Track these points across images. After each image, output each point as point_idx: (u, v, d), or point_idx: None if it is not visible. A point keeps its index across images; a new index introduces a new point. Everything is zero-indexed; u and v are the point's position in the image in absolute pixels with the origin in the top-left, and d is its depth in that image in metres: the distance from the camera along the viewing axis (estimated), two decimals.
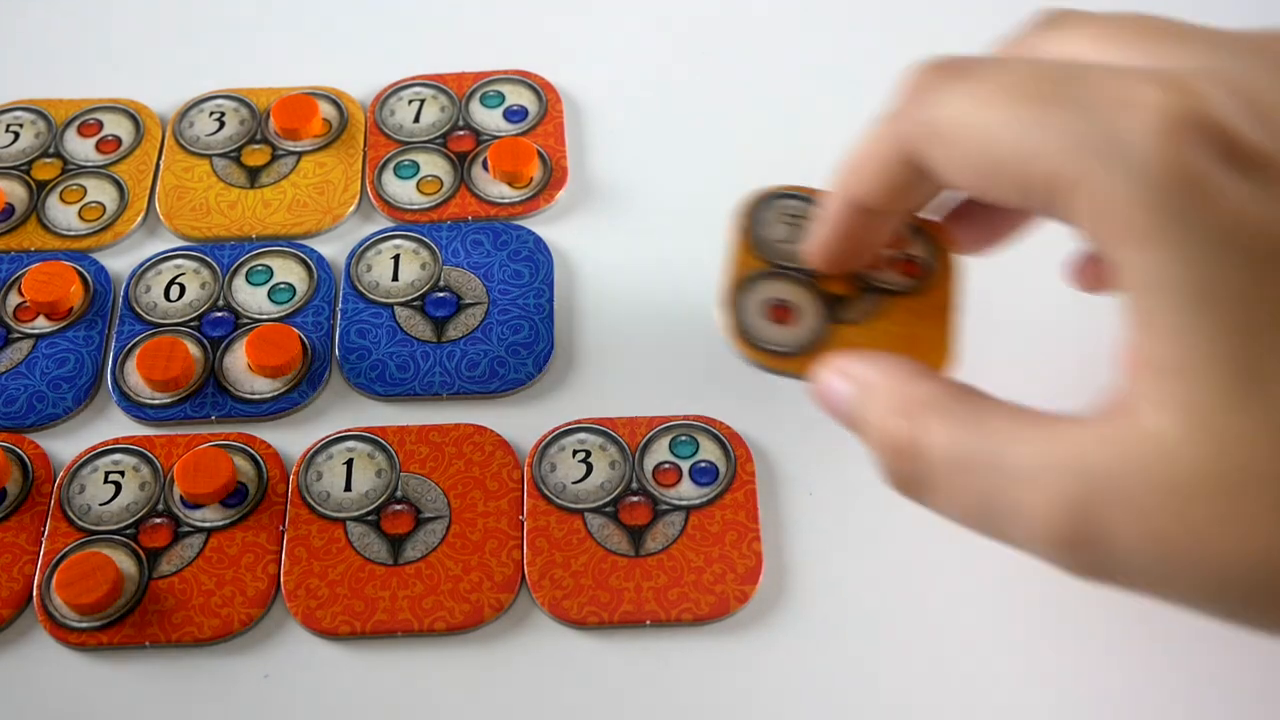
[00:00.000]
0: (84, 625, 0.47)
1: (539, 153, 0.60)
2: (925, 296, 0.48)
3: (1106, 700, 0.46)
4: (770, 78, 0.64)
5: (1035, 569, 0.49)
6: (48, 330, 0.55)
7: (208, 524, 0.50)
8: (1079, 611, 0.48)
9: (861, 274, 0.47)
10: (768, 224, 0.49)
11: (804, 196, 0.50)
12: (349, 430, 0.52)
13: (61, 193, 0.59)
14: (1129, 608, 0.48)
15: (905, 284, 0.48)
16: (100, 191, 0.59)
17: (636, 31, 0.66)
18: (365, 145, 0.61)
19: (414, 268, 0.57)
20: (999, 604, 0.48)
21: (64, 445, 0.52)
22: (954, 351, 0.47)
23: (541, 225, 0.58)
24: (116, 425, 0.53)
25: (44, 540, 0.50)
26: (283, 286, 0.56)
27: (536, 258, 0.57)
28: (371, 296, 0.56)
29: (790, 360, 0.47)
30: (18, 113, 0.62)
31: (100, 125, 0.61)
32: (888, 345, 0.46)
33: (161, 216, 0.59)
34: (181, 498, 0.50)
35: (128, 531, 0.50)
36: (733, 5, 0.67)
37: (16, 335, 0.55)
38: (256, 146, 0.61)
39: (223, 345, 0.54)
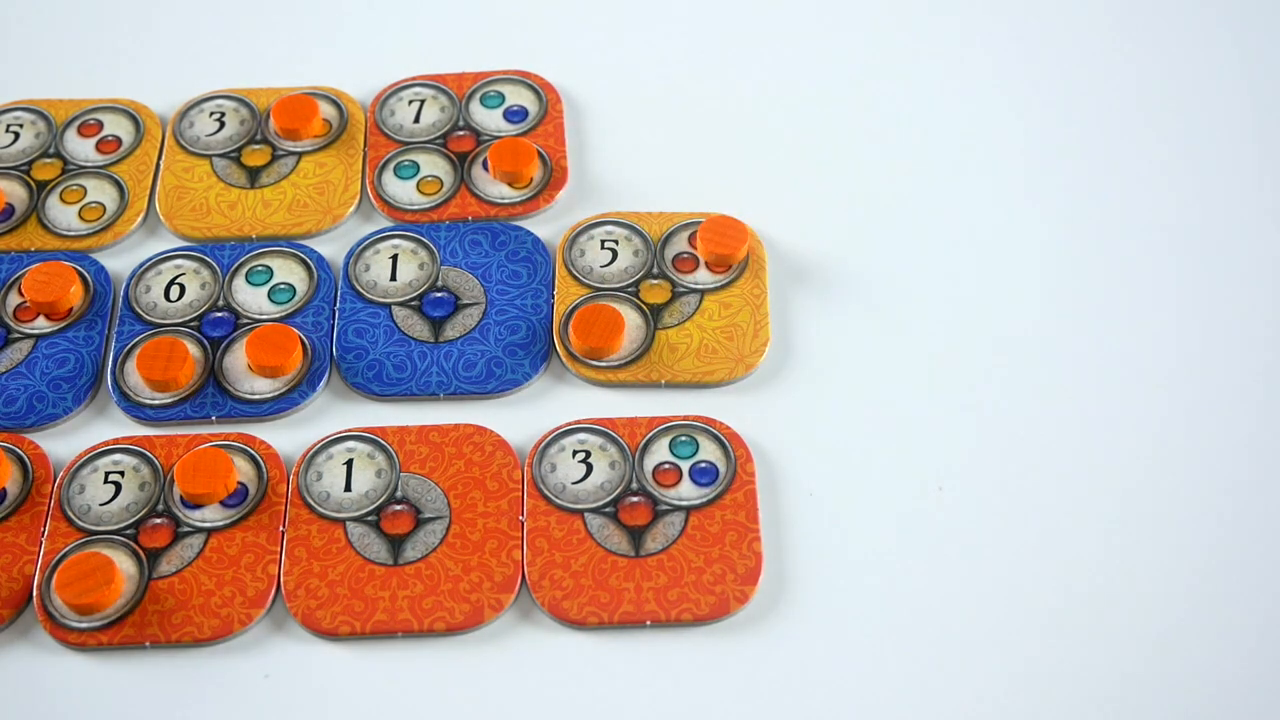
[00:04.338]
0: (84, 625, 0.47)
1: (539, 153, 0.60)
2: (736, 290, 0.54)
3: (1104, 700, 0.46)
4: (769, 77, 0.64)
5: (1033, 570, 0.49)
6: (48, 330, 0.55)
7: (208, 524, 0.50)
8: (1077, 611, 0.48)
9: (675, 279, 0.54)
10: (588, 252, 0.55)
11: (619, 222, 0.56)
12: (349, 430, 0.52)
13: (61, 193, 0.59)
14: (1127, 609, 0.48)
15: (717, 281, 0.54)
16: (100, 191, 0.59)
17: (636, 32, 0.66)
18: (365, 145, 0.61)
19: (412, 267, 0.57)
20: (997, 604, 0.48)
21: (64, 445, 0.52)
22: (769, 335, 0.53)
23: (541, 225, 0.58)
24: (116, 425, 0.53)
25: (44, 540, 0.50)
26: (283, 287, 0.56)
27: (535, 258, 0.57)
28: (369, 296, 0.56)
29: (623, 371, 0.53)
30: (18, 113, 0.62)
31: (100, 125, 0.61)
32: (711, 338, 0.53)
33: (161, 216, 0.59)
34: (181, 498, 0.50)
35: (128, 531, 0.50)
36: (732, 5, 0.67)
37: (16, 335, 0.55)
38: (256, 146, 0.61)
39: (223, 345, 0.54)
